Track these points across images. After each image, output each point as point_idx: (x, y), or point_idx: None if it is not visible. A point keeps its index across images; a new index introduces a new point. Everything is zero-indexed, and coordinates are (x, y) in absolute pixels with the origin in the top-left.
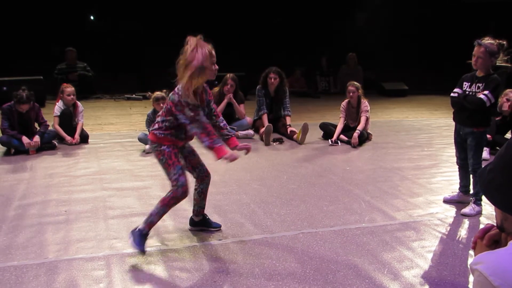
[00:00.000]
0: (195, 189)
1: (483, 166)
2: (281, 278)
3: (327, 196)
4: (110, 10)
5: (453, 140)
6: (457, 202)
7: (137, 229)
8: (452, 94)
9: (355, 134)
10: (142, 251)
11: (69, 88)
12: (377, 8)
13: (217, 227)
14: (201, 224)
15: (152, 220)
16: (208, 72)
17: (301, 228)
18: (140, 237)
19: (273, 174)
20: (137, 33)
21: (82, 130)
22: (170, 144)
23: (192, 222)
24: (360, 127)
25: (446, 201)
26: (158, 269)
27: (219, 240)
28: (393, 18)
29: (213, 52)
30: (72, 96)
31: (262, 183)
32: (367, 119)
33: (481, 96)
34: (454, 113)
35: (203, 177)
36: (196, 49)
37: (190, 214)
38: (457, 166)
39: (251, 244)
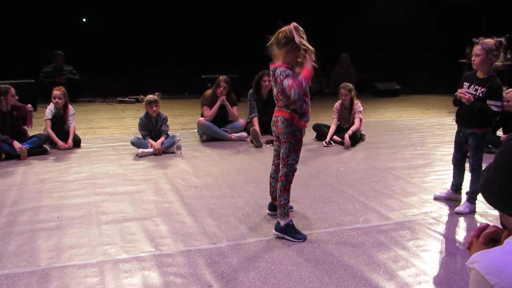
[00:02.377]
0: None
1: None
2: (277, 281)
3: (321, 197)
4: (103, 12)
5: (445, 139)
6: (446, 199)
7: (284, 224)
8: (459, 94)
9: (346, 136)
10: (305, 237)
11: (57, 91)
12: (373, 9)
13: (291, 208)
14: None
15: (284, 208)
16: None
17: None
18: (293, 228)
19: (267, 177)
20: (130, 36)
21: (75, 134)
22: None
23: (271, 207)
24: (354, 128)
25: (436, 197)
26: (153, 275)
27: (214, 244)
28: (386, 19)
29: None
30: (57, 99)
31: (256, 185)
32: (360, 120)
33: (495, 109)
34: (456, 115)
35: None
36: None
37: (184, 218)
38: (452, 165)
39: (246, 247)
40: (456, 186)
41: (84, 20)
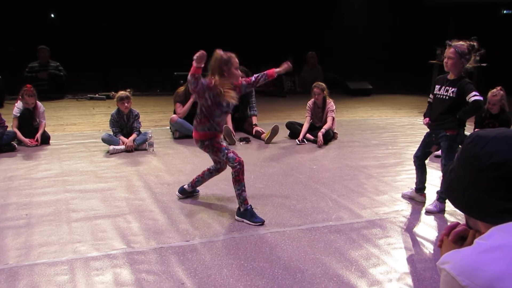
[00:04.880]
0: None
1: None
2: (250, 278)
3: (295, 195)
4: (71, 8)
5: (416, 139)
6: (410, 198)
7: (243, 209)
8: (429, 100)
9: (319, 134)
10: (263, 221)
11: (30, 97)
12: (345, 10)
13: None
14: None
15: (244, 196)
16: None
17: (269, 228)
18: (250, 213)
19: None
20: (100, 32)
21: (44, 131)
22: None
23: (182, 191)
24: (326, 126)
25: (403, 196)
26: (124, 273)
27: (187, 241)
28: (359, 20)
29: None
30: (30, 104)
31: (229, 183)
32: (333, 119)
33: (472, 99)
34: (426, 118)
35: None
36: None
37: (156, 215)
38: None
39: (219, 245)
40: (420, 184)
41: (52, 15)
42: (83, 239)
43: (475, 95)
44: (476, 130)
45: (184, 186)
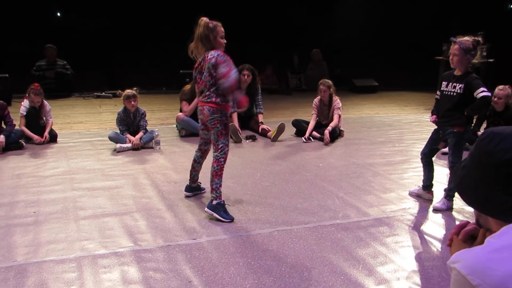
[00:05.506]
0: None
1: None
2: (257, 276)
3: (301, 193)
4: (77, 6)
5: (423, 136)
6: (417, 195)
7: (216, 203)
8: (436, 97)
9: (326, 132)
10: (233, 218)
11: (37, 96)
12: (350, 6)
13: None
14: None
15: (216, 185)
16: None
17: (275, 226)
18: (222, 208)
19: (247, 172)
20: (106, 30)
21: (51, 129)
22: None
23: (189, 188)
24: (333, 124)
25: (410, 193)
26: (132, 270)
27: (194, 239)
28: (365, 15)
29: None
30: (35, 102)
31: (236, 181)
32: (339, 116)
33: (480, 95)
34: (434, 115)
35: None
36: None
37: (163, 213)
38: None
39: (226, 243)
40: (425, 183)
41: (58, 14)
42: (90, 236)
43: (483, 91)
44: (473, 127)
45: (188, 183)
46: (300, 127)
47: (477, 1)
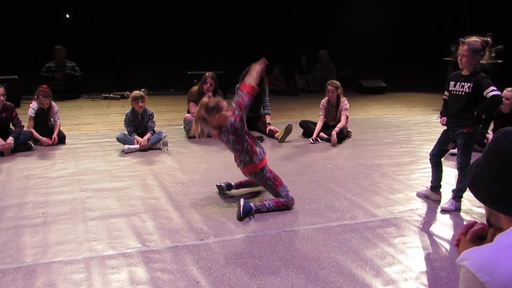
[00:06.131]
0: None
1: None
2: (264, 277)
3: (308, 194)
4: (85, 7)
5: (431, 137)
6: (425, 196)
7: (249, 204)
8: (444, 97)
9: (333, 132)
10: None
11: (45, 98)
12: (357, 7)
13: None
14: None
15: (261, 210)
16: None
17: (283, 227)
18: (249, 211)
19: None
20: (114, 31)
21: (59, 130)
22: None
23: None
24: (340, 125)
25: (418, 194)
26: (139, 271)
27: (201, 240)
28: (372, 16)
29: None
30: (44, 104)
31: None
32: (347, 117)
33: (490, 94)
34: (443, 116)
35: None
36: None
37: (171, 214)
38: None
39: (234, 244)
40: (433, 183)
41: (67, 16)
42: (98, 237)
43: (493, 90)
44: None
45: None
46: (307, 128)
47: (486, 2)
